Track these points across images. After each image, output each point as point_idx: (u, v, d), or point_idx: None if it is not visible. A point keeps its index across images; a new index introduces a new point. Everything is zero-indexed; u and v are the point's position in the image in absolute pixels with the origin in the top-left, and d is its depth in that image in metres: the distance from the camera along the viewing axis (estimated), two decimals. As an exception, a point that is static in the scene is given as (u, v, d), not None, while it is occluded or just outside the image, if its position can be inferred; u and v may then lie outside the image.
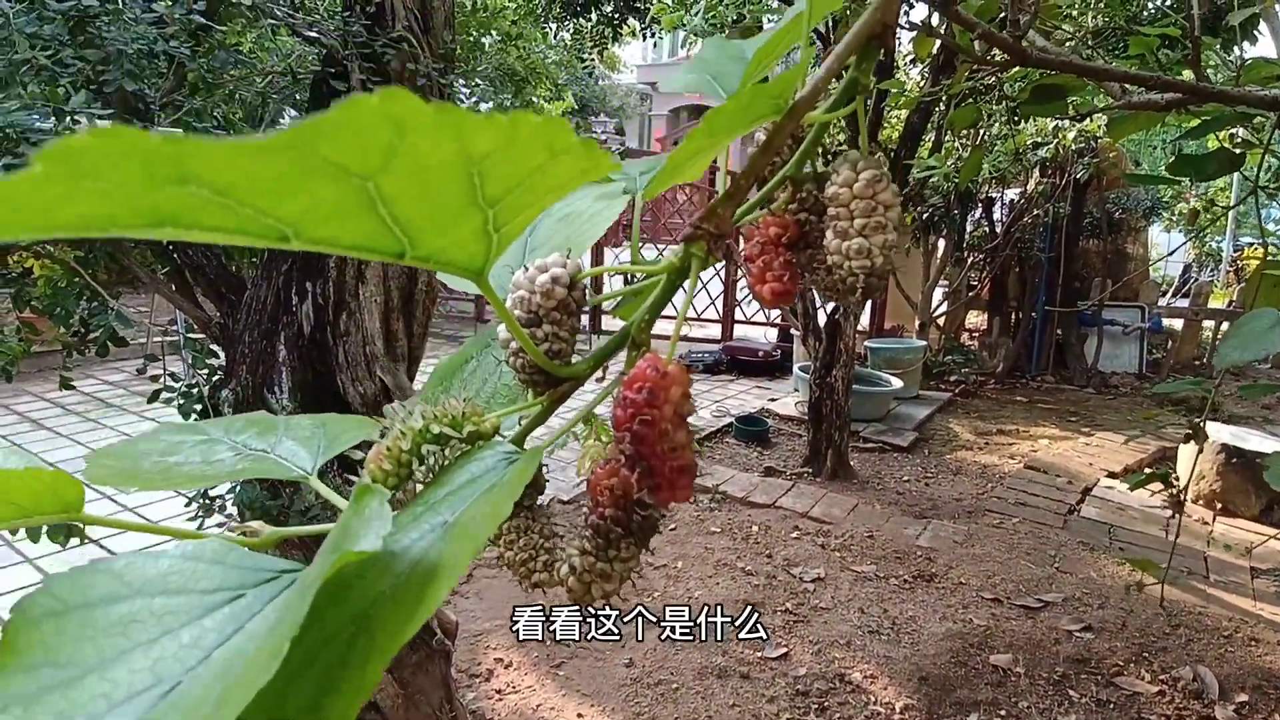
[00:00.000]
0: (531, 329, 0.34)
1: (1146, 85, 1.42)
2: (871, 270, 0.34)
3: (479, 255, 0.27)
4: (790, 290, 0.36)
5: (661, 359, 0.30)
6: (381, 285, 1.77)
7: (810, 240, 0.38)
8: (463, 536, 0.26)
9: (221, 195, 0.20)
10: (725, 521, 3.46)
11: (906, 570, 3.09)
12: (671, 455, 0.30)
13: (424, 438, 0.32)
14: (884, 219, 0.34)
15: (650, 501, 0.31)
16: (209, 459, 0.39)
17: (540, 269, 0.34)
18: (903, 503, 3.81)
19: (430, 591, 0.23)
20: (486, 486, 0.29)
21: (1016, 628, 2.72)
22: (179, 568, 0.26)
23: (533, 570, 0.38)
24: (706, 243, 0.33)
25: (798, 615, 2.76)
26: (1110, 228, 6.52)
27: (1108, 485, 4.14)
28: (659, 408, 0.29)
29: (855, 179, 0.34)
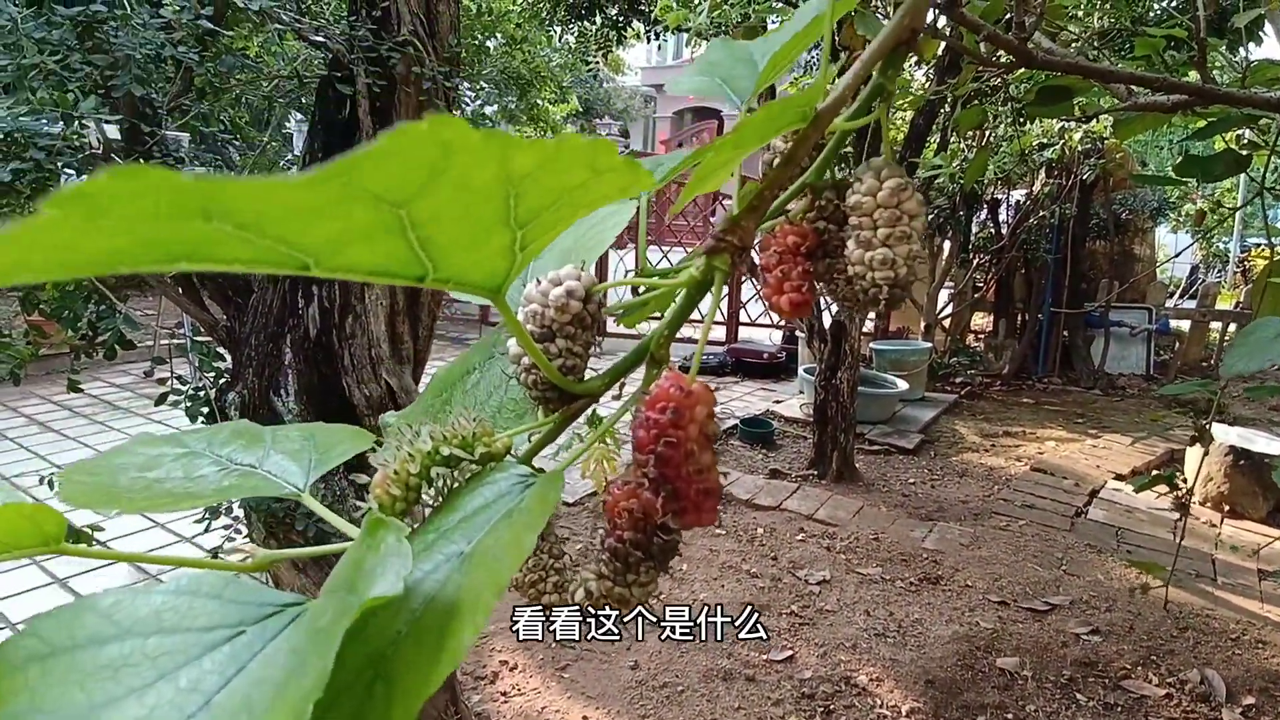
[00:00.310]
0: (545, 344, 0.33)
1: (1153, 87, 1.42)
2: (895, 281, 0.33)
3: (499, 274, 0.26)
4: (808, 301, 0.36)
5: (684, 377, 0.29)
6: (388, 289, 1.77)
7: (829, 249, 0.37)
8: (482, 568, 0.24)
9: (243, 229, 0.19)
10: (730, 524, 3.46)
11: (912, 573, 3.08)
12: (697, 478, 0.29)
13: (434, 460, 0.31)
14: (908, 229, 0.33)
15: (673, 526, 0.30)
16: (191, 475, 0.37)
17: (554, 282, 0.33)
18: (909, 505, 3.80)
19: (452, 633, 0.22)
20: (503, 512, 0.28)
21: (1023, 630, 2.71)
22: (173, 604, 0.25)
23: (543, 591, 0.37)
24: (730, 255, 0.32)
25: (803, 618, 2.75)
26: (1117, 229, 6.49)
27: (1115, 487, 4.12)
28: (684, 428, 0.28)
29: (879, 187, 0.33)
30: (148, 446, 0.39)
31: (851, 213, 0.34)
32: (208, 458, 0.38)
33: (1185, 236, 10.05)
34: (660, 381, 0.29)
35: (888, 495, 3.93)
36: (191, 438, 0.40)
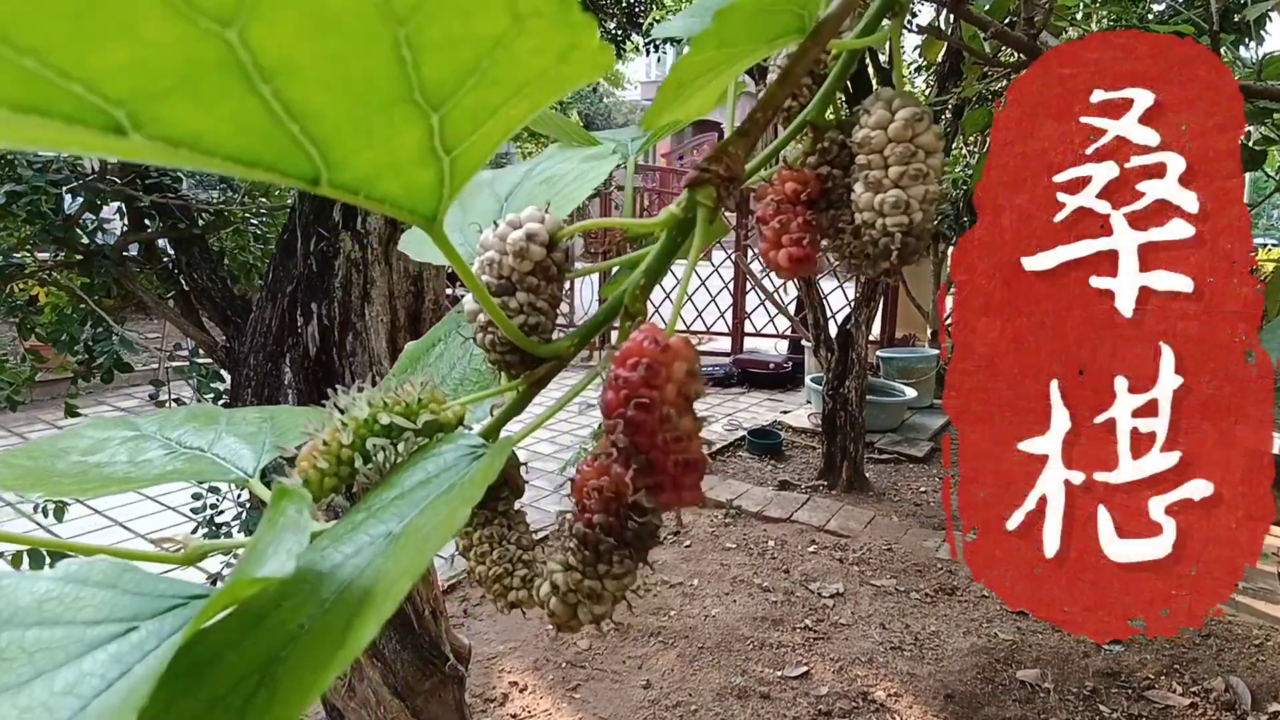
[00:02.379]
0: (503, 298, 0.28)
1: (1165, 81, 1.39)
2: (910, 228, 0.28)
3: (427, 189, 0.21)
4: (810, 256, 0.31)
5: (660, 330, 0.24)
6: (388, 305, 1.74)
7: (833, 199, 0.32)
8: (406, 550, 0.20)
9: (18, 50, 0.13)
10: (740, 537, 3.41)
11: (928, 584, 3.02)
12: (675, 446, 0.24)
13: (370, 429, 0.27)
14: (924, 166, 0.28)
15: (648, 505, 0.25)
16: (136, 459, 0.34)
17: (512, 224, 0.28)
18: (921, 514, 3.75)
19: (358, 624, 0.17)
20: (444, 487, 0.24)
21: (1043, 641, 2.65)
22: (58, 592, 0.21)
23: (509, 588, 0.33)
24: (716, 189, 0.27)
25: (817, 632, 2.70)
26: (1122, 231, 6.46)
27: (1130, 492, 4.06)
28: (659, 387, 0.23)
29: (890, 119, 0.29)
30: (98, 430, 0.36)
31: (859, 150, 0.30)
32: (156, 441, 0.35)
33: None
34: (633, 335, 0.25)
35: (899, 505, 3.87)
36: (145, 421, 0.37)
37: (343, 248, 1.71)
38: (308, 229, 1.71)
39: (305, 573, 0.20)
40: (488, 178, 0.33)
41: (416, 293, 1.78)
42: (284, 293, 1.73)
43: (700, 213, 0.28)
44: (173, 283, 1.93)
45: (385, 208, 0.21)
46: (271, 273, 1.78)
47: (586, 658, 2.52)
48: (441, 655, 1.77)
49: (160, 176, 1.78)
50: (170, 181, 1.81)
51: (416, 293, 1.78)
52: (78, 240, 1.75)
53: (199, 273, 1.88)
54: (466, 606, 2.81)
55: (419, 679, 1.73)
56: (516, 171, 0.32)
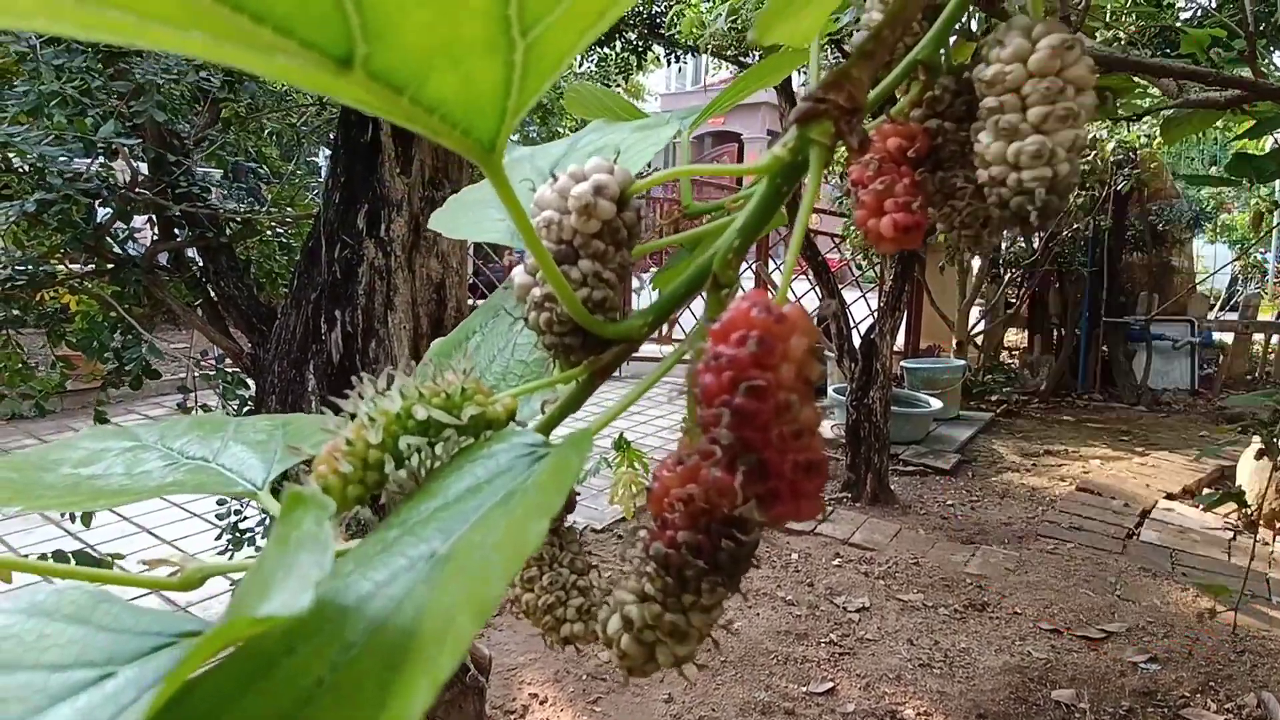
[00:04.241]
0: (564, 267, 0.24)
1: (1205, 81, 1.35)
2: (1054, 182, 0.23)
3: (489, 93, 0.16)
4: (920, 223, 0.25)
5: (770, 297, 0.20)
6: (410, 312, 1.74)
7: (943, 159, 0.27)
8: (459, 579, 0.16)
9: None
10: (763, 549, 3.36)
11: (956, 599, 2.95)
12: (794, 444, 0.19)
13: (403, 425, 0.22)
14: (1074, 105, 0.23)
15: (755, 519, 0.20)
16: (133, 470, 0.31)
17: (575, 177, 0.24)
18: (948, 528, 3.67)
19: (402, 685, 0.13)
20: (499, 496, 0.19)
21: (1078, 660, 2.57)
22: (19, 629, 0.18)
23: (562, 619, 0.28)
24: (835, 122, 0.22)
25: (843, 647, 2.64)
26: (1154, 240, 6.34)
27: (1167, 507, 3.95)
28: (774, 368, 0.19)
29: (1031, 50, 0.23)
30: (94, 440, 0.33)
31: (988, 90, 0.24)
32: (156, 451, 0.32)
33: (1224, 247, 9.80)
34: (736, 303, 0.20)
35: (926, 518, 3.80)
36: (145, 431, 0.34)
37: (366, 255, 1.72)
38: (332, 236, 1.72)
39: (324, 606, 0.16)
40: (526, 153, 0.30)
41: (439, 300, 1.78)
42: (308, 300, 1.73)
43: (814, 153, 0.23)
44: (200, 291, 1.95)
45: (434, 122, 0.16)
46: (296, 280, 1.79)
47: (607, 670, 2.49)
48: (462, 665, 1.75)
49: (190, 186, 1.80)
50: (199, 191, 1.83)
51: (439, 300, 1.78)
52: (108, 249, 1.77)
53: (226, 281, 1.89)
54: (487, 617, 2.79)
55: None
56: (560, 145, 0.30)
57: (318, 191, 2.66)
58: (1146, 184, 5.80)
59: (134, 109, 1.34)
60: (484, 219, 0.33)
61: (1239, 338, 6.66)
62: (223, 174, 2.05)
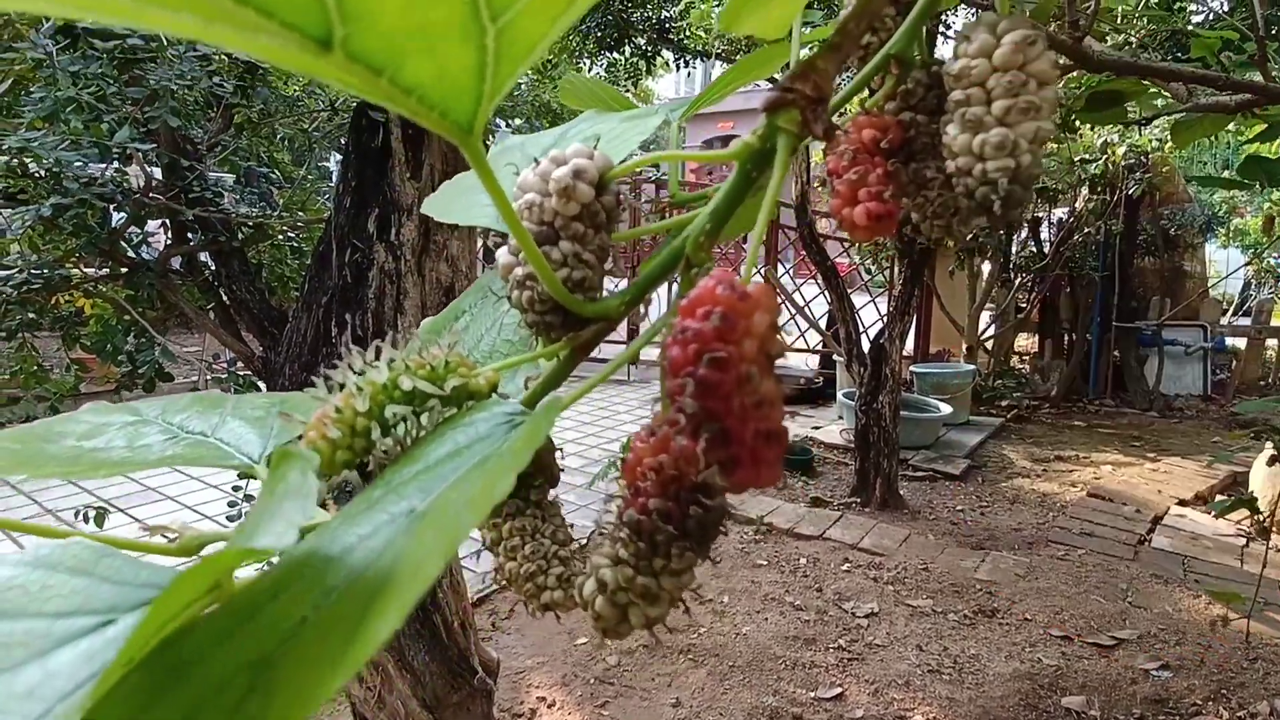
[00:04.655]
0: (545, 248, 0.25)
1: (1215, 85, 1.35)
2: (1016, 174, 0.24)
3: (463, 76, 0.17)
4: (892, 211, 0.27)
5: (735, 276, 0.21)
6: (420, 316, 1.75)
7: (916, 150, 0.28)
8: (434, 529, 0.17)
9: None
10: (772, 554, 3.35)
11: (966, 605, 2.94)
12: (755, 413, 0.20)
13: (390, 395, 0.23)
14: (1036, 99, 0.24)
15: (720, 484, 0.21)
16: (134, 444, 0.31)
17: (556, 160, 0.25)
18: (958, 533, 3.65)
19: (375, 614, 0.15)
20: (476, 459, 0.21)
21: (1089, 667, 2.55)
22: (24, 579, 0.19)
23: (542, 587, 0.30)
24: (801, 111, 0.23)
25: (852, 653, 2.63)
26: (1166, 245, 6.30)
27: (1179, 513, 3.92)
28: (737, 342, 0.20)
29: (996, 45, 0.24)
30: (96, 415, 0.34)
31: (955, 84, 0.25)
32: (157, 425, 0.33)
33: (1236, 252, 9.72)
34: (703, 281, 0.21)
35: (935, 523, 3.78)
36: (147, 407, 0.35)
37: (376, 259, 1.73)
38: (343, 240, 1.73)
39: (310, 557, 0.17)
40: (517, 141, 0.31)
41: (448, 304, 1.79)
42: (319, 303, 1.75)
43: (782, 141, 0.24)
44: (213, 295, 1.97)
45: (412, 103, 0.17)
46: (307, 284, 1.81)
47: (615, 674, 2.49)
48: (470, 668, 1.76)
49: (203, 191, 1.82)
50: (212, 196, 1.84)
51: (448, 304, 1.79)
52: (123, 253, 1.79)
53: (238, 285, 1.91)
54: (495, 620, 2.79)
55: (448, 691, 1.72)
56: (550, 134, 0.30)
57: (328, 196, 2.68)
58: (1158, 188, 5.77)
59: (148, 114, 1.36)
60: (474, 204, 0.34)
61: (1252, 343, 6.61)
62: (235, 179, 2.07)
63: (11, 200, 1.65)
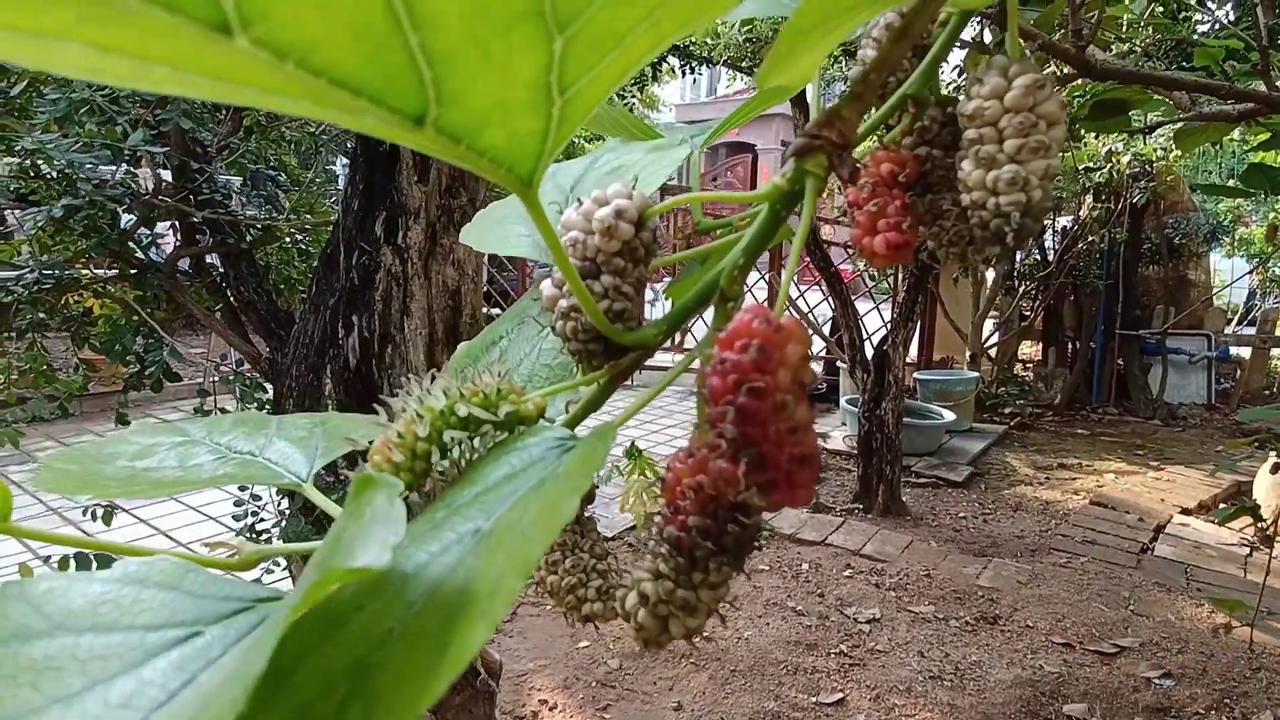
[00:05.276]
0: (588, 281, 0.27)
1: (1218, 95, 1.35)
2: (1028, 207, 0.26)
3: (530, 140, 0.19)
4: (910, 241, 0.28)
5: (768, 309, 0.23)
6: (426, 318, 1.77)
7: (932, 183, 0.30)
8: (503, 548, 0.18)
9: None
10: (774, 559, 3.36)
11: (968, 612, 2.93)
12: (790, 438, 0.22)
13: (447, 421, 0.25)
14: (1045, 138, 0.26)
15: (757, 504, 0.23)
16: (186, 463, 0.33)
17: (599, 201, 0.27)
18: (960, 540, 3.65)
19: (461, 629, 0.16)
20: (534, 481, 0.22)
21: (1091, 675, 2.55)
22: (115, 595, 0.20)
23: (583, 599, 0.31)
24: (827, 156, 0.25)
25: (853, 658, 2.63)
26: (1170, 253, 6.29)
27: (1182, 522, 3.91)
28: (773, 372, 0.22)
29: (1007, 87, 0.26)
30: (144, 435, 0.35)
31: (969, 123, 0.27)
32: (205, 446, 0.34)
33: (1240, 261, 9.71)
34: (740, 314, 0.23)
35: (937, 530, 3.78)
36: (192, 426, 0.36)
37: (383, 261, 1.74)
38: (350, 243, 1.75)
39: (387, 572, 0.18)
40: (549, 170, 0.32)
41: (454, 307, 1.81)
42: (326, 305, 1.76)
43: (809, 183, 0.26)
44: (220, 296, 1.98)
45: (483, 163, 0.20)
46: (314, 286, 1.82)
47: (617, 677, 2.49)
48: (473, 669, 1.76)
49: (212, 193, 1.84)
50: (221, 198, 1.86)
51: (454, 307, 1.81)
52: (132, 254, 1.80)
53: (246, 286, 1.92)
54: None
55: (450, 692, 1.73)
56: (579, 164, 0.31)
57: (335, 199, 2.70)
58: (1163, 197, 5.77)
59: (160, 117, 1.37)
60: (510, 234, 0.36)
61: (1256, 352, 6.59)
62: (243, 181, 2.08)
63: (23, 201, 1.67)
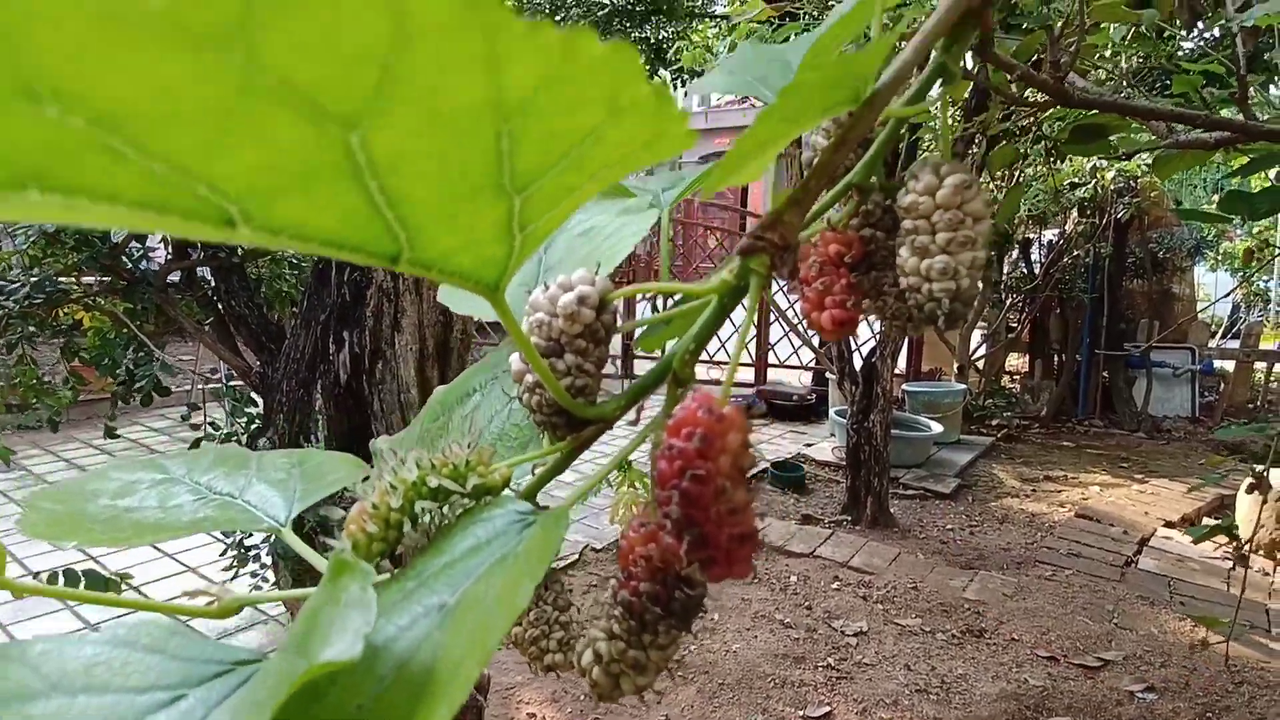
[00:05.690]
0: (552, 359, 0.29)
1: (1194, 124, 1.39)
2: (957, 294, 0.29)
3: (495, 262, 0.21)
4: (854, 318, 0.31)
5: (714, 398, 0.25)
6: (417, 334, 1.78)
7: (876, 261, 0.32)
8: (465, 626, 0.20)
9: (107, 130, 0.13)
10: (763, 571, 3.37)
11: (954, 624, 2.96)
12: (730, 520, 0.24)
13: (419, 492, 0.27)
14: (972, 233, 0.29)
15: (699, 579, 0.25)
16: (166, 504, 0.33)
17: (563, 287, 0.29)
18: (947, 552, 3.68)
19: (423, 711, 0.17)
20: (496, 557, 0.24)
21: (1075, 688, 2.57)
22: (106, 657, 0.21)
23: (545, 650, 0.33)
24: (770, 256, 0.28)
25: (840, 671, 2.65)
26: (1154, 268, 6.37)
27: (1165, 535, 3.95)
28: (714, 459, 0.24)
29: (939, 185, 0.29)
30: (124, 472, 0.36)
31: (906, 215, 0.30)
32: (185, 485, 0.35)
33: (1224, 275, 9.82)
34: (685, 403, 0.25)
35: (925, 542, 3.81)
36: (172, 462, 0.37)
37: (375, 277, 1.75)
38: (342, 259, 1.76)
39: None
40: None
41: (445, 323, 1.82)
42: (317, 321, 1.77)
43: (753, 280, 0.28)
44: (211, 309, 1.99)
45: (454, 279, 0.22)
46: (306, 301, 1.83)
47: (605, 691, 2.50)
48: (461, 684, 1.77)
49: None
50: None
51: (445, 323, 1.82)
52: (123, 267, 1.81)
53: (236, 300, 1.93)
54: (486, 635, 2.80)
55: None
56: None
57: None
58: (1147, 212, 5.85)
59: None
60: (481, 302, 0.37)
61: (1240, 366, 6.67)
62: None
63: (14, 214, 1.67)
